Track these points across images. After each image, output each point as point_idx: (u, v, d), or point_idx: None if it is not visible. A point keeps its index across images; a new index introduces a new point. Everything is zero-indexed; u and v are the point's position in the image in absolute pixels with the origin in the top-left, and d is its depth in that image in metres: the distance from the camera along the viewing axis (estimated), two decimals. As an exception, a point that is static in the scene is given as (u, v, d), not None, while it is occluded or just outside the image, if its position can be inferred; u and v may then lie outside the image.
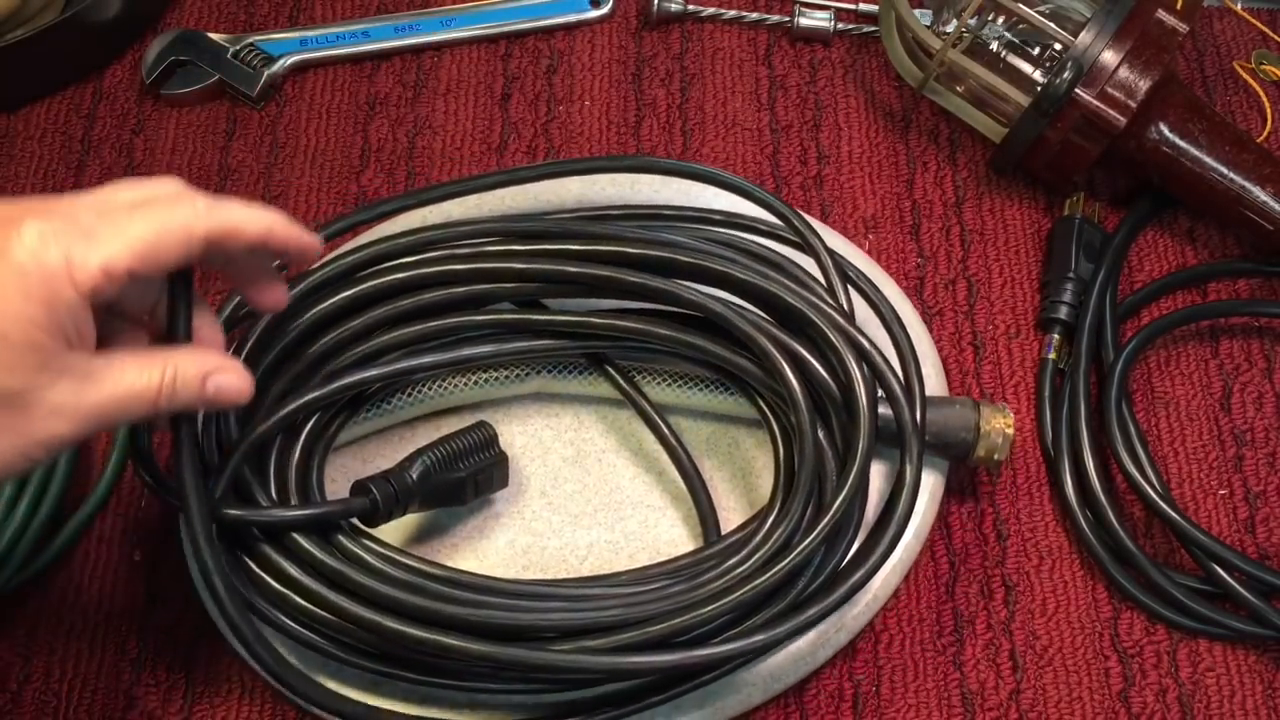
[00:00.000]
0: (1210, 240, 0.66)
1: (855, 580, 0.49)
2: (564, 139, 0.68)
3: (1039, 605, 0.57)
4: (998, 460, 0.55)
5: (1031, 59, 0.64)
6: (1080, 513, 0.58)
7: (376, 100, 0.69)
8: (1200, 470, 0.60)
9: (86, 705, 0.54)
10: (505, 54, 0.71)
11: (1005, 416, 0.55)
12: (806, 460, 0.50)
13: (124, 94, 0.70)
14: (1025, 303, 0.64)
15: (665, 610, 0.47)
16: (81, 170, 0.67)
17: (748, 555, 0.49)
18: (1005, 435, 0.55)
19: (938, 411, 0.54)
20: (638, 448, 0.59)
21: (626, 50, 0.71)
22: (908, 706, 0.55)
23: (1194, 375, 0.62)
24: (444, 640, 0.46)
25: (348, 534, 0.49)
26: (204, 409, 0.47)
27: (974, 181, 0.67)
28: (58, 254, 0.37)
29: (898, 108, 0.69)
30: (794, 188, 0.66)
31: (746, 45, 0.71)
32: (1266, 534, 0.58)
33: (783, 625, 0.47)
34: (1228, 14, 0.72)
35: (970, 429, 0.55)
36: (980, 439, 0.55)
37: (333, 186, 0.67)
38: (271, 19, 0.72)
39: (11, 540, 0.55)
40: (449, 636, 0.46)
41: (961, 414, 0.55)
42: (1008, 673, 0.55)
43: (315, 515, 0.48)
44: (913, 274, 0.64)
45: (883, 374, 0.51)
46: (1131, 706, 0.55)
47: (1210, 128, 0.62)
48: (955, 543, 0.58)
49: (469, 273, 0.54)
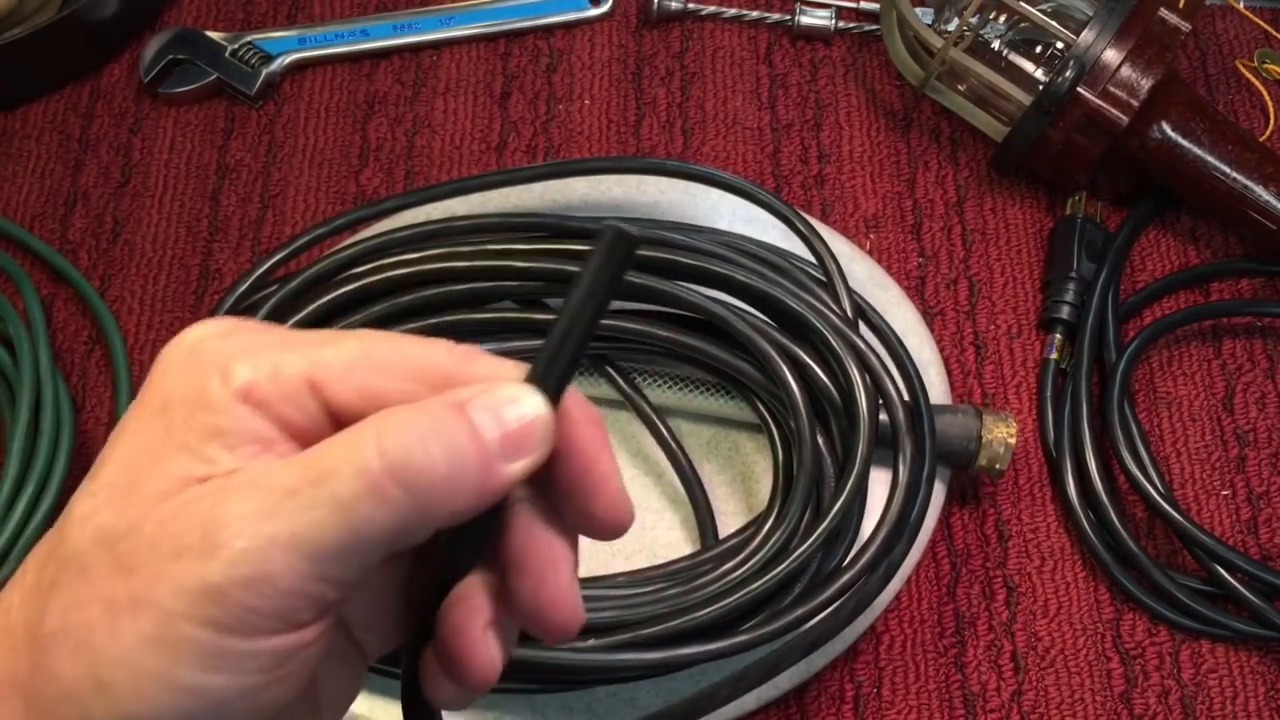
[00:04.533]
0: (1212, 240, 0.66)
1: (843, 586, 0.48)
2: (564, 138, 0.68)
3: (1041, 606, 0.56)
4: (999, 470, 0.55)
5: (1033, 58, 0.64)
6: (1082, 513, 0.57)
7: (375, 99, 0.69)
8: (1203, 471, 0.60)
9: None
10: (504, 53, 0.71)
11: (1008, 426, 0.55)
12: (805, 465, 0.50)
13: (122, 92, 0.69)
14: (1027, 302, 0.64)
15: (660, 612, 0.47)
16: (79, 169, 0.67)
17: (744, 559, 0.49)
18: (1007, 445, 0.54)
19: (939, 419, 0.54)
20: (637, 450, 0.58)
21: (626, 49, 0.71)
22: (909, 708, 0.54)
23: (1196, 375, 0.62)
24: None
25: None
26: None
27: (975, 181, 0.67)
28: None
29: (899, 107, 0.69)
30: (795, 187, 0.66)
31: (747, 44, 0.71)
32: (1269, 535, 0.58)
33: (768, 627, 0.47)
34: (1230, 12, 0.72)
35: (972, 438, 0.54)
36: (982, 448, 0.54)
37: (331, 186, 0.66)
38: (270, 17, 0.72)
39: (11, 539, 0.55)
40: None
41: (963, 422, 0.54)
42: (1009, 674, 0.55)
43: None
44: (914, 273, 0.64)
45: (882, 381, 0.51)
46: (1134, 708, 0.54)
47: (1213, 127, 0.62)
48: (957, 544, 0.58)
49: (470, 270, 0.54)
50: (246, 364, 0.26)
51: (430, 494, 0.24)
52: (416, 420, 0.25)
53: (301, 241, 0.57)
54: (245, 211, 0.66)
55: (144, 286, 0.64)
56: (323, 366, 0.26)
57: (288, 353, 0.26)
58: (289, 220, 0.65)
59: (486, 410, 0.25)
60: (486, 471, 0.25)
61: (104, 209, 0.66)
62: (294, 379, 0.26)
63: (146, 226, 0.65)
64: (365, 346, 0.26)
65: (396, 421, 0.25)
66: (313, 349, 0.26)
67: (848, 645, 0.54)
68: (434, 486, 0.24)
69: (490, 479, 0.25)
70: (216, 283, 0.63)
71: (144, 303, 0.63)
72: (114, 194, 0.66)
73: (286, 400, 0.26)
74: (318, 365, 0.26)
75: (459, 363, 0.26)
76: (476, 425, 0.25)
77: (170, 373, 0.26)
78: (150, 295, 0.63)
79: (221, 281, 0.63)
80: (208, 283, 0.63)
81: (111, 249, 0.65)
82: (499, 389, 0.26)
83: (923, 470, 0.50)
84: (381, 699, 0.51)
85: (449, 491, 0.25)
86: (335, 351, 0.26)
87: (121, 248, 0.65)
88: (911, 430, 0.51)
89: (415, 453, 0.24)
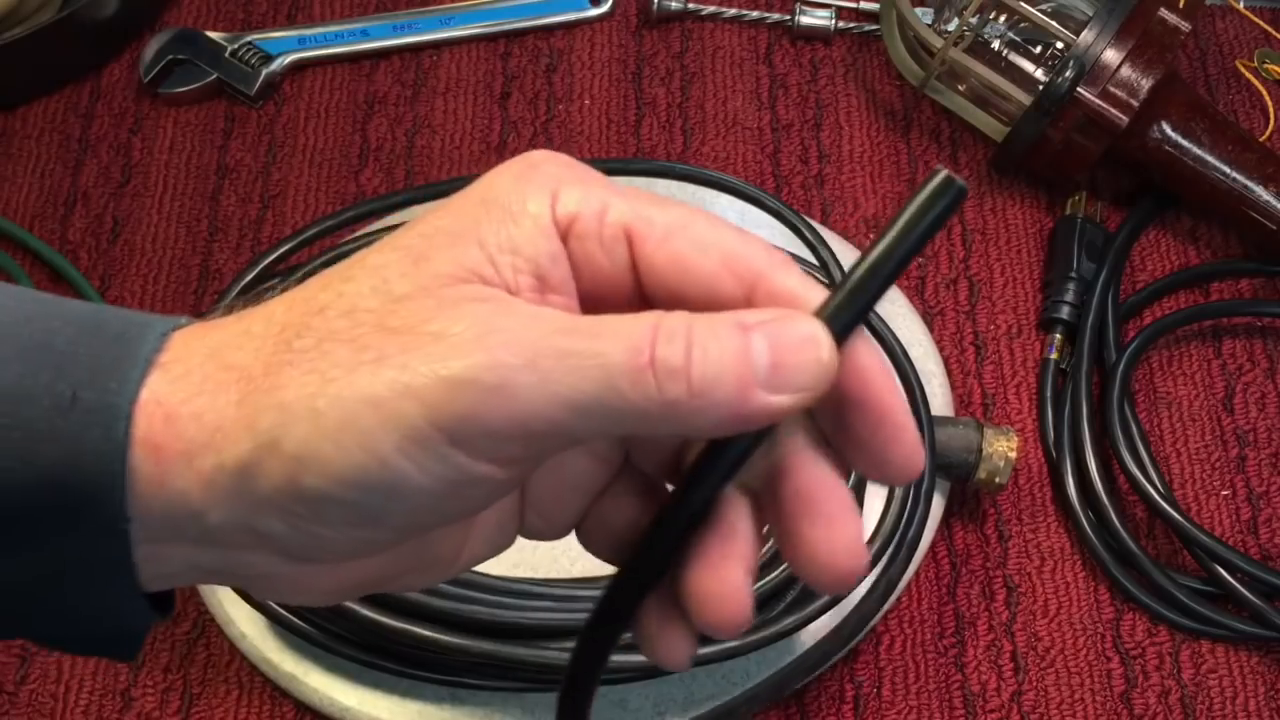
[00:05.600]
0: (1213, 240, 0.66)
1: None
2: (564, 138, 0.68)
3: (1041, 606, 0.56)
4: (999, 484, 0.54)
5: (1033, 58, 0.64)
6: (1082, 513, 0.57)
7: (375, 99, 0.69)
8: (1203, 471, 0.59)
9: (84, 706, 0.54)
10: (504, 53, 0.71)
11: (1009, 440, 0.54)
12: None
13: (121, 93, 0.69)
14: (1027, 302, 0.63)
15: None
16: (79, 169, 0.67)
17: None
18: (1008, 459, 0.54)
19: (940, 431, 0.54)
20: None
21: (626, 49, 0.71)
22: (909, 708, 0.54)
23: (1196, 375, 0.62)
24: (417, 631, 0.46)
25: None
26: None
27: (976, 181, 0.67)
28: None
29: (899, 107, 0.69)
30: (795, 187, 0.66)
31: (747, 44, 0.71)
32: (1269, 535, 0.58)
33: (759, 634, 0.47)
34: (1230, 13, 0.72)
35: (972, 450, 0.54)
36: (982, 461, 0.54)
37: (331, 186, 0.66)
38: (269, 17, 0.72)
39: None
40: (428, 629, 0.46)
41: (964, 435, 0.54)
42: (1009, 674, 0.55)
43: None
44: (914, 274, 0.64)
45: None
46: (1134, 708, 0.54)
47: (1213, 127, 0.62)
48: (957, 544, 0.58)
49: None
50: (578, 193, 0.26)
51: (683, 397, 0.24)
52: (696, 323, 0.24)
53: (309, 234, 0.57)
54: (245, 211, 0.66)
55: (144, 287, 0.64)
56: (646, 223, 0.26)
57: (618, 198, 0.26)
58: (289, 220, 0.65)
59: (764, 336, 0.24)
60: (745, 395, 0.24)
61: (104, 209, 0.66)
62: (616, 224, 0.26)
63: (146, 227, 0.65)
64: (690, 218, 0.26)
65: (677, 318, 0.24)
66: (641, 204, 0.26)
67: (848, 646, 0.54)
68: (690, 391, 0.24)
69: (747, 404, 0.24)
70: (216, 283, 0.63)
71: (144, 303, 0.63)
72: (114, 194, 0.66)
73: (601, 243, 0.26)
74: (642, 220, 0.26)
75: (772, 265, 0.26)
76: (750, 347, 0.24)
77: (503, 176, 0.26)
78: (150, 295, 0.63)
79: (221, 282, 0.63)
80: (207, 283, 0.63)
81: (111, 249, 0.65)
82: (786, 321, 0.25)
83: (921, 484, 0.50)
84: (374, 692, 0.51)
85: (703, 402, 0.24)
86: (661, 213, 0.26)
87: (121, 248, 0.65)
88: None
89: (677, 351, 0.24)
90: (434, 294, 0.24)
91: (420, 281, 0.25)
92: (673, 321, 0.24)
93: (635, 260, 0.26)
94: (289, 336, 0.25)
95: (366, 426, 0.24)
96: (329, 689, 0.52)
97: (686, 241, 0.26)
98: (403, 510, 0.25)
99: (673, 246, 0.26)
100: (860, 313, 0.25)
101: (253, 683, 0.54)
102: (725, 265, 0.26)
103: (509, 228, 0.25)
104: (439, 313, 0.24)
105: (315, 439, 0.24)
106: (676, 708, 0.51)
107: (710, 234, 0.26)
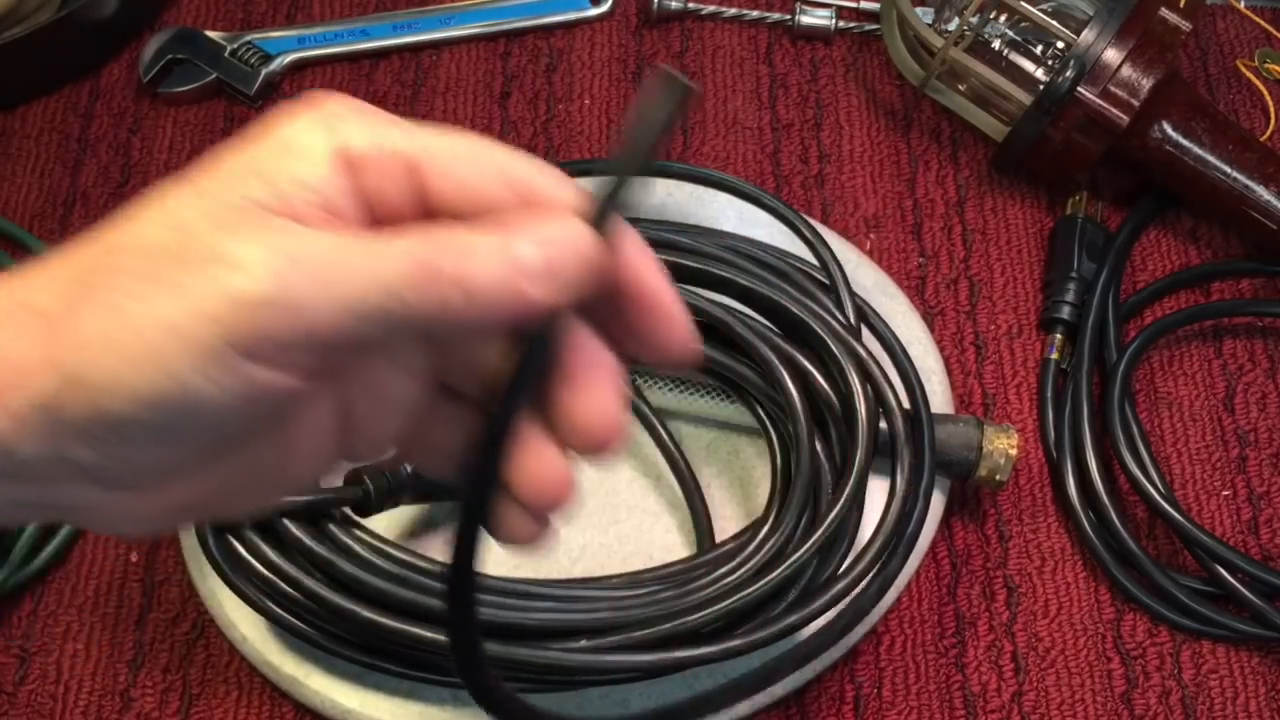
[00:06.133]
0: (1213, 240, 0.66)
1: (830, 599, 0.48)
2: (563, 138, 0.68)
3: (1041, 607, 0.56)
4: (999, 481, 0.54)
5: (1034, 57, 0.64)
6: (1083, 514, 0.57)
7: (375, 99, 0.69)
8: (1203, 471, 0.59)
9: (83, 706, 0.54)
10: (504, 52, 0.71)
11: (1009, 437, 0.54)
12: (803, 471, 0.50)
13: (121, 92, 0.69)
14: (1027, 302, 0.63)
15: (654, 615, 0.47)
16: (78, 169, 0.67)
17: (739, 564, 0.49)
18: (1008, 456, 0.54)
19: (940, 428, 0.54)
20: (636, 452, 0.58)
21: (626, 48, 0.71)
22: (909, 709, 0.54)
23: (1197, 375, 0.62)
24: (415, 631, 0.46)
25: (339, 523, 0.49)
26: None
27: (976, 180, 0.67)
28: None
29: (899, 106, 0.69)
30: (795, 187, 0.66)
31: (747, 43, 0.71)
32: (1270, 535, 0.58)
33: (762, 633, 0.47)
34: (1231, 12, 0.72)
35: (973, 448, 0.54)
36: (982, 459, 0.54)
37: (331, 185, 0.66)
38: (269, 17, 0.72)
39: (8, 540, 0.55)
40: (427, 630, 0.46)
41: (964, 432, 0.54)
42: (1010, 675, 0.55)
43: (307, 502, 0.48)
44: (914, 273, 0.64)
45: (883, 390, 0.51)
46: (1134, 708, 0.54)
47: (1213, 126, 0.62)
48: (957, 544, 0.57)
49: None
50: (355, 127, 0.27)
51: (460, 302, 0.26)
52: (469, 232, 0.26)
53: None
54: (245, 211, 0.65)
55: (143, 286, 0.63)
56: (427, 153, 0.27)
57: (398, 130, 0.27)
58: (288, 220, 0.65)
59: (531, 238, 0.26)
60: (518, 294, 0.26)
61: (103, 209, 0.66)
62: (397, 155, 0.27)
63: (146, 226, 0.65)
64: (467, 145, 0.28)
65: (451, 228, 0.26)
66: (421, 135, 0.28)
67: (848, 646, 0.54)
68: (465, 295, 0.26)
69: (521, 301, 0.26)
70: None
71: (143, 303, 0.63)
72: (113, 194, 0.66)
73: (384, 174, 0.27)
74: (424, 150, 0.27)
75: (544, 180, 0.28)
76: (518, 249, 0.26)
77: (287, 114, 0.28)
78: (149, 295, 0.63)
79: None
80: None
81: (111, 249, 0.64)
82: (550, 222, 0.27)
83: (921, 480, 0.50)
84: (376, 694, 0.51)
85: (480, 304, 0.26)
86: (439, 142, 0.27)
87: (121, 248, 0.64)
88: (911, 440, 0.51)
89: (452, 259, 0.26)
90: (220, 223, 0.26)
91: (207, 212, 0.26)
92: (446, 232, 0.26)
93: (424, 191, 0.27)
94: (85, 276, 0.26)
95: (163, 350, 0.25)
96: (330, 691, 0.52)
97: (467, 167, 0.27)
98: (205, 426, 0.26)
99: (459, 174, 0.27)
100: (613, 208, 0.27)
101: (252, 683, 0.54)
102: (505, 185, 0.28)
103: (291, 162, 0.27)
104: (226, 239, 0.25)
105: (116, 367, 0.25)
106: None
107: (487, 157, 0.28)
